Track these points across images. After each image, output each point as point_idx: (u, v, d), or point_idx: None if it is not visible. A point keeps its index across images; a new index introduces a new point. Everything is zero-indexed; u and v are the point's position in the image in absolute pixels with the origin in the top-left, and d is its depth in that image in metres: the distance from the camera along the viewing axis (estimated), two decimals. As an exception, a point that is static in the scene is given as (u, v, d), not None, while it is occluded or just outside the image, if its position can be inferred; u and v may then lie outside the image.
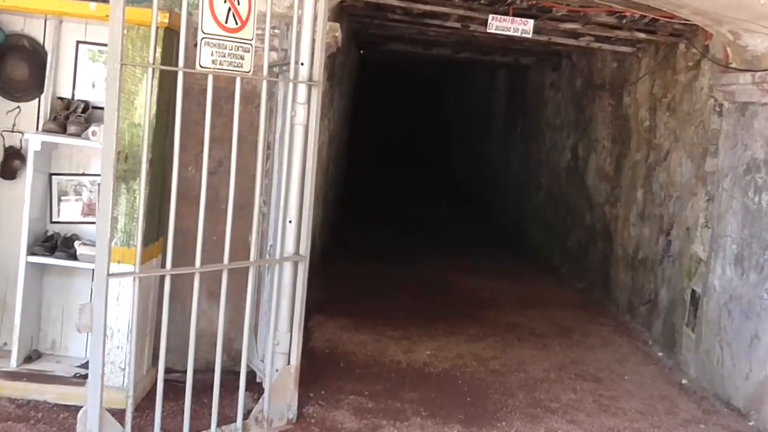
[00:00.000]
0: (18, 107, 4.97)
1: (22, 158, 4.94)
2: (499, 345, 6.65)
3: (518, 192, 12.60)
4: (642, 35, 7.22)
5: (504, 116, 14.37)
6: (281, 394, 4.56)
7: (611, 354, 6.72)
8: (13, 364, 4.77)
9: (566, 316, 7.75)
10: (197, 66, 3.97)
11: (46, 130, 4.77)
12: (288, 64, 4.49)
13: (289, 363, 4.61)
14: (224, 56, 4.02)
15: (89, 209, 4.97)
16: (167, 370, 4.15)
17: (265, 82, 4.22)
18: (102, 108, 4.09)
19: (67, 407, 4.48)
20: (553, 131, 11.01)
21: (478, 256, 10.67)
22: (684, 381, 6.15)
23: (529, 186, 11.93)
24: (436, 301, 7.96)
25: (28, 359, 4.90)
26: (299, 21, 4.41)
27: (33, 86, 4.95)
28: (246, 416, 4.40)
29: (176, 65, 3.99)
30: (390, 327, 6.79)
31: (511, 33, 6.77)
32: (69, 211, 5.00)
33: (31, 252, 4.76)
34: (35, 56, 4.94)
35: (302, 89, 4.45)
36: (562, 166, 10.43)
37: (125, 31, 3.80)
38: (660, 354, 6.77)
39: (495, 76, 15.26)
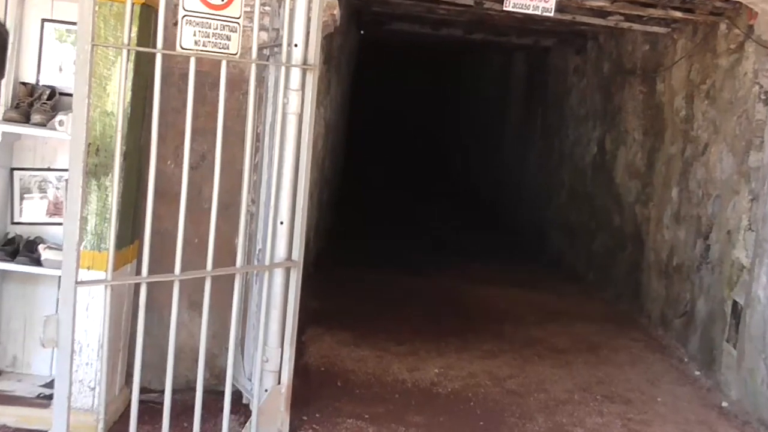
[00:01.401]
0: (-25, 94, 4.97)
1: (-20, 151, 4.94)
2: (516, 362, 6.64)
3: (537, 190, 12.60)
4: (678, 14, 7.22)
5: (522, 105, 14.37)
6: (271, 417, 4.56)
7: (642, 373, 6.71)
8: (-32, 382, 4.78)
9: (592, 330, 7.74)
10: (178, 47, 3.97)
11: (6, 120, 4.77)
12: (280, 45, 4.48)
13: (279, 382, 4.60)
14: (208, 36, 4.02)
15: (55, 208, 4.97)
16: (143, 390, 4.14)
17: (253, 66, 4.22)
18: (70, 95, 4.08)
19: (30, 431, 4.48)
20: (577, 122, 11.01)
21: (493, 262, 10.67)
22: (724, 404, 6.14)
23: (550, 184, 11.93)
24: (445, 312, 7.96)
25: (-14, 377, 4.90)
26: (292, -3, 4.40)
27: (-8, 70, 4.95)
28: (231, 442, 4.40)
29: (154, 46, 3.98)
30: (394, 342, 6.79)
31: (530, 11, 6.76)
32: (32, 210, 5.00)
33: (-11, 257, 4.76)
34: (-5, 36, 4.94)
35: (296, 74, 4.44)
36: (587, 161, 10.43)
37: (97, 8, 3.79)
38: (697, 373, 6.76)
39: (512, 60, 15.25)
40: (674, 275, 7.66)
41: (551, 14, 6.82)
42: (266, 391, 4.56)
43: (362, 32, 12.49)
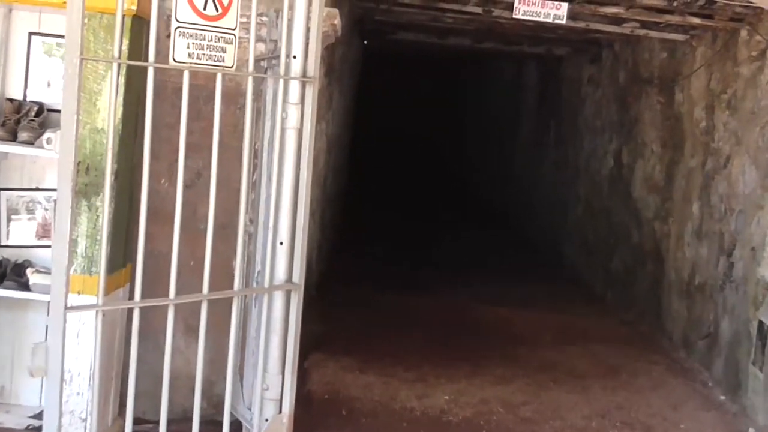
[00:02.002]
0: (-41, 111, 4.98)
1: (-35, 171, 4.95)
2: (531, 388, 6.62)
3: (551, 206, 12.59)
4: (696, 20, 7.23)
5: (534, 117, 14.39)
6: (272, 448, 4.54)
7: (664, 398, 6.68)
8: (-46, 414, 4.77)
9: (610, 353, 7.71)
10: (170, 60, 3.98)
11: (-7, 138, 4.78)
12: (278, 57, 4.49)
13: (280, 411, 4.59)
14: (203, 49, 4.03)
15: (44, 230, 4.97)
16: (137, 421, 4.13)
17: (250, 79, 4.22)
18: (59, 111, 4.09)
19: (19, 465, 4.48)
20: (592, 134, 11.01)
21: (505, 282, 10.65)
22: (751, 430, 6.11)
23: (565, 199, 11.92)
24: (455, 335, 7.94)
25: (-27, 408, 4.90)
26: (291, 6, 4.41)
27: (-23, 86, 4.97)
28: (230, 475, 4.38)
29: (146, 60, 3.99)
30: (401, 367, 6.77)
31: (541, 19, 6.78)
32: (20, 232, 5.00)
33: (-26, 282, 4.77)
34: (-20, 51, 4.96)
35: (295, 87, 4.45)
36: (604, 175, 10.43)
37: (86, 20, 3.80)
38: (722, 397, 6.73)
39: (523, 70, 15.28)
40: (696, 294, 7.64)
41: (563, 22, 6.83)
42: (267, 420, 4.54)
43: (365, 42, 12.52)
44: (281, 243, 4.51)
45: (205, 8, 4.03)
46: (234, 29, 4.11)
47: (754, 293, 6.55)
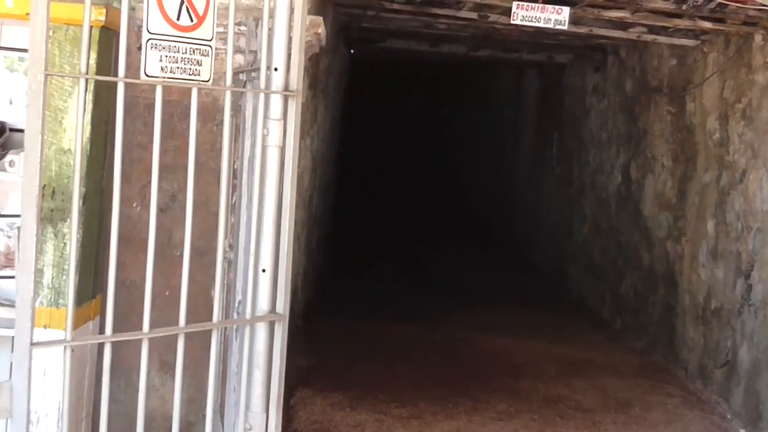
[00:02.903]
0: None
1: None
2: (536, 424, 6.62)
3: (555, 225, 12.62)
4: (707, 24, 7.27)
5: (535, 129, 14.42)
6: (256, 493, 4.53)
7: (680, 433, 6.70)
8: None
9: (621, 386, 7.72)
10: (142, 75, 3.98)
11: (-50, 160, 4.78)
12: (258, 69, 4.50)
13: (265, 452, 4.59)
14: (176, 62, 4.03)
15: (7, 260, 4.97)
16: (109, 465, 4.12)
17: (228, 93, 4.23)
18: (22, 131, 4.10)
19: None
20: (598, 147, 11.04)
21: (506, 307, 10.66)
22: (774, 465, 6.13)
23: (570, 218, 11.95)
24: (453, 368, 7.94)
25: (-70, 454, 4.87)
26: (271, 15, 4.42)
27: (-66, 104, 4.98)
28: None
29: (116, 74, 4.00)
30: (395, 403, 6.77)
31: (541, 24, 6.81)
32: (-19, 262, 5.00)
33: (-68, 316, 4.75)
34: (-64, 66, 4.97)
35: (276, 101, 4.46)
36: (611, 191, 10.45)
37: (51, 33, 3.81)
38: (742, 431, 6.74)
39: (523, 79, 15.33)
40: (713, 320, 7.65)
41: (565, 27, 6.87)
42: (250, 463, 4.53)
43: (352, 51, 12.56)
44: (264, 270, 4.51)
45: (178, 18, 4.04)
46: (210, 40, 4.13)
47: (774, 318, 6.57)
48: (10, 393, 3.82)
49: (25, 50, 4.14)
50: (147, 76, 4.01)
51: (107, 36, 4.63)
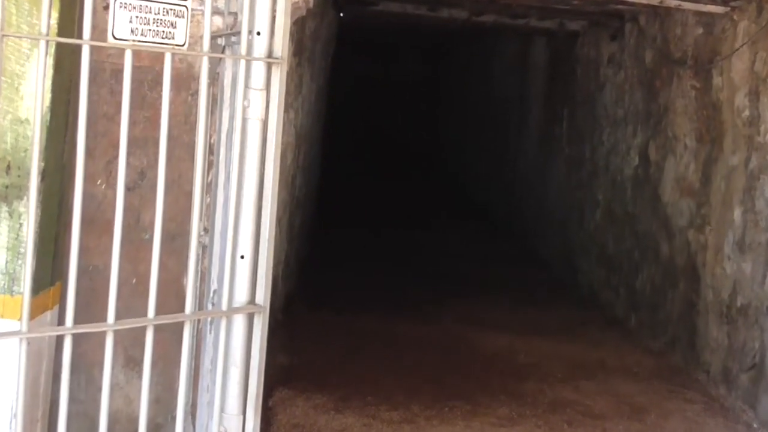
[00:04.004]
0: None
1: None
2: (541, 431, 6.64)
3: (565, 211, 12.63)
4: (738, -11, 7.28)
5: (543, 104, 14.43)
6: (231, 503, 4.55)
7: (700, 442, 6.72)
8: None
9: (636, 390, 7.74)
10: (109, 37, 3.98)
11: None
12: (238, 33, 4.50)
13: (241, 459, 4.60)
14: (148, 23, 4.03)
15: (-45, 242, 4.97)
16: (68, 471, 4.13)
17: (205, 60, 4.23)
18: (-26, 98, 4.09)
19: None
20: (613, 126, 11.05)
21: (509, 303, 10.67)
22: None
23: (580, 204, 11.97)
24: (450, 368, 7.96)
25: None
26: (254, -28, 4.43)
27: None
28: None
29: (80, 37, 3.99)
30: (385, 406, 6.78)
31: (553, -13, 6.81)
32: (-73, 244, 5.00)
33: None
34: None
35: (258, 69, 4.46)
36: (627, 175, 10.47)
37: (7, -11, 3.81)
38: (770, 441, 6.77)
39: (530, 49, 15.33)
40: (739, 319, 7.68)
41: (579, -9, 6.87)
42: (224, 470, 4.55)
43: (341, 15, 12.54)
44: (242, 256, 4.51)
45: (150, -26, 4.05)
46: (186, 0, 4.13)
47: (807, 316, 6.60)
48: (-41, 390, 3.83)
49: (-22, 8, 4.14)
50: (114, 38, 4.00)
51: (70, -6, 4.62)
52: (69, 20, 4.62)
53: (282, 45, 4.48)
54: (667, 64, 9.56)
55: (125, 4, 3.99)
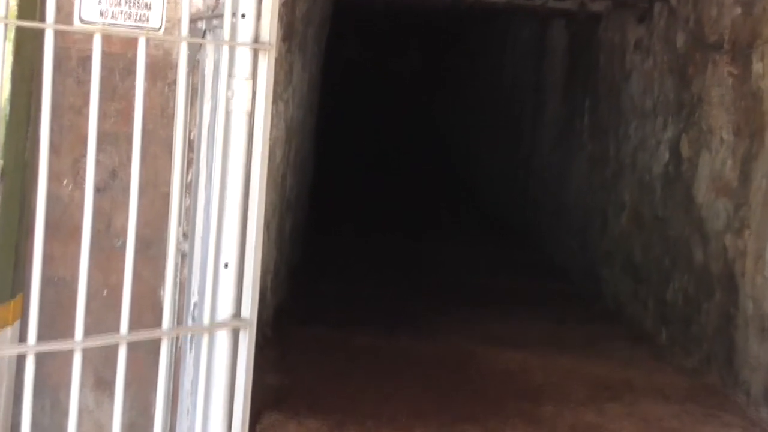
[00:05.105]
0: None
1: None
2: (560, 460, 6.65)
3: (585, 215, 12.63)
4: (780, -35, 7.27)
5: (562, 94, 14.44)
6: None
7: (740, 472, 6.72)
8: None
9: (667, 413, 7.74)
10: (76, 21, 3.97)
11: None
12: (221, 16, 4.49)
13: (225, 492, 4.59)
14: (119, 5, 4.03)
15: None
16: (31, 506, 4.12)
17: (184, 45, 4.22)
18: (-75, 88, 4.08)
19: None
20: (640, 119, 11.05)
21: (524, 317, 10.67)
22: None
23: (604, 206, 11.96)
24: (458, 389, 7.95)
25: None
26: (238, -53, 4.43)
27: None
28: None
29: (42, 19, 3.99)
30: (386, 430, 6.78)
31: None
32: None
33: None
34: None
35: (244, 56, 4.45)
36: (657, 173, 10.46)
37: (-38, -33, 3.80)
38: (816, 471, 6.77)
39: (547, 32, 15.34)
40: (781, 333, 7.68)
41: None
42: (206, 505, 4.54)
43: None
44: (226, 265, 4.51)
45: (122, -50, 4.04)
46: (162, -22, 4.12)
47: None
48: None
49: (-71, -12, 4.13)
50: (82, 21, 4.00)
51: (32, -28, 4.62)
52: (30, 1, 4.62)
53: (270, 29, 4.47)
54: (701, 49, 9.55)
55: (94, -17, 3.98)
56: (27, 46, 4.56)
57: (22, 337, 4.36)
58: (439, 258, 13.82)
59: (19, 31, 4.39)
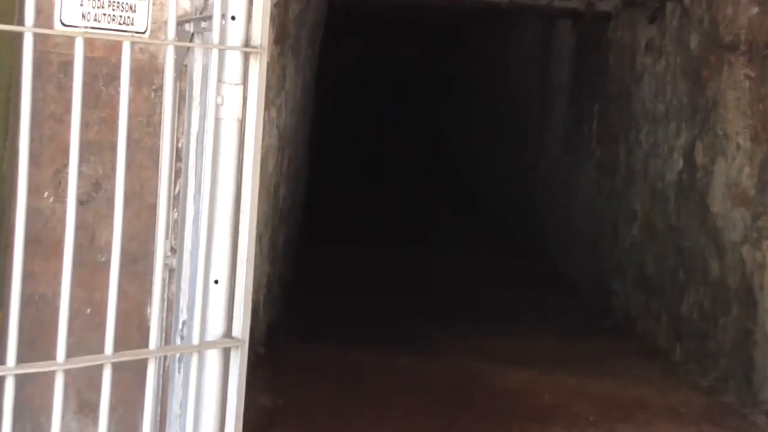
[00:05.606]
0: None
1: None
2: (569, 485, 6.65)
3: (594, 226, 12.63)
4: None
5: (568, 99, 14.45)
6: None
7: (760, 497, 6.72)
8: None
9: (682, 434, 7.75)
10: (57, 24, 3.97)
11: None
12: (210, 18, 4.49)
13: None
14: (102, 7, 4.02)
15: None
16: None
17: (171, 49, 4.22)
18: None
19: None
20: (652, 124, 11.05)
21: (530, 333, 10.67)
22: None
23: (614, 215, 11.96)
24: (462, 409, 7.95)
25: None
26: (227, -54, 4.42)
27: None
28: None
29: (21, 23, 3.98)
30: (386, 456, 6.79)
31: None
32: None
33: None
34: None
35: (234, 60, 4.45)
36: (669, 181, 10.46)
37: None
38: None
39: (553, 33, 15.35)
40: (803, 349, 7.67)
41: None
42: None
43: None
44: (216, 281, 4.50)
45: (105, -51, 4.04)
46: (147, -21, 4.12)
47: None
48: None
49: None
50: (63, 25, 3.99)
51: (10, -28, 4.62)
52: (8, 3, 4.61)
53: (261, 31, 4.47)
54: (716, 50, 9.56)
55: (76, -17, 3.98)
56: (4, 51, 4.56)
57: (1, 359, 4.34)
58: (440, 269, 13.80)
59: (-3, 34, 4.39)
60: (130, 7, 4.08)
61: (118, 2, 4.05)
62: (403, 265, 13.85)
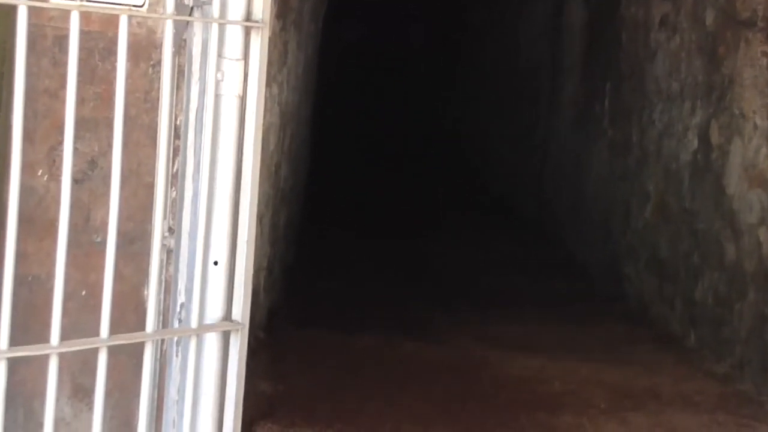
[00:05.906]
0: None
1: None
2: (579, 475, 6.66)
3: (606, 208, 12.63)
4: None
5: (580, 77, 14.43)
6: None
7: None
8: None
9: (696, 423, 7.74)
10: (52, -5, 3.97)
11: None
12: (209, -9, 4.49)
13: None
14: (99, -21, 4.03)
15: None
16: None
17: (170, 24, 4.22)
18: None
19: None
20: (666, 103, 11.04)
21: (540, 319, 10.67)
22: None
23: (626, 197, 11.96)
24: (468, 397, 7.96)
25: None
26: None
27: None
28: None
29: (15, -5, 3.99)
30: (390, 445, 6.80)
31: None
32: None
33: None
34: None
35: (235, 35, 4.44)
36: (684, 161, 10.45)
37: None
38: None
39: (564, 8, 15.33)
40: (821, 336, 7.68)
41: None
42: None
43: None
44: (215, 263, 4.50)
45: None
46: (145, -50, 4.12)
47: None
48: None
49: None
50: (58, -3, 4.00)
51: (4, -58, 4.61)
52: (2, -25, 4.61)
53: (263, 5, 4.46)
54: (732, 27, 9.54)
55: (71, -46, 3.98)
56: (-2, 24, 4.56)
57: (-7, 342, 4.36)
58: (446, 254, 13.81)
59: (-11, 7, 4.39)
60: (128, -20, 4.08)
61: (115, -26, 4.05)
62: (408, 251, 13.85)
